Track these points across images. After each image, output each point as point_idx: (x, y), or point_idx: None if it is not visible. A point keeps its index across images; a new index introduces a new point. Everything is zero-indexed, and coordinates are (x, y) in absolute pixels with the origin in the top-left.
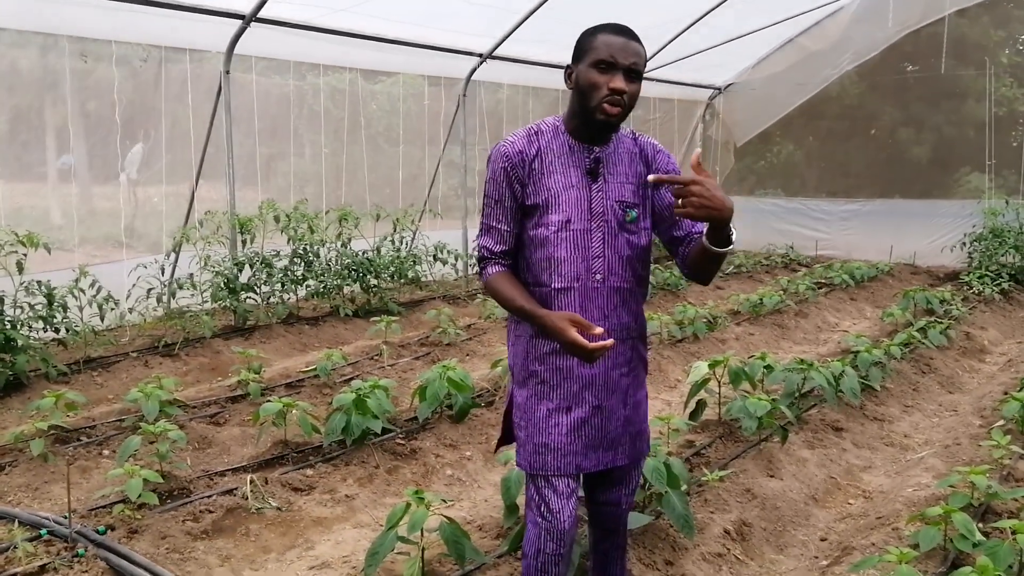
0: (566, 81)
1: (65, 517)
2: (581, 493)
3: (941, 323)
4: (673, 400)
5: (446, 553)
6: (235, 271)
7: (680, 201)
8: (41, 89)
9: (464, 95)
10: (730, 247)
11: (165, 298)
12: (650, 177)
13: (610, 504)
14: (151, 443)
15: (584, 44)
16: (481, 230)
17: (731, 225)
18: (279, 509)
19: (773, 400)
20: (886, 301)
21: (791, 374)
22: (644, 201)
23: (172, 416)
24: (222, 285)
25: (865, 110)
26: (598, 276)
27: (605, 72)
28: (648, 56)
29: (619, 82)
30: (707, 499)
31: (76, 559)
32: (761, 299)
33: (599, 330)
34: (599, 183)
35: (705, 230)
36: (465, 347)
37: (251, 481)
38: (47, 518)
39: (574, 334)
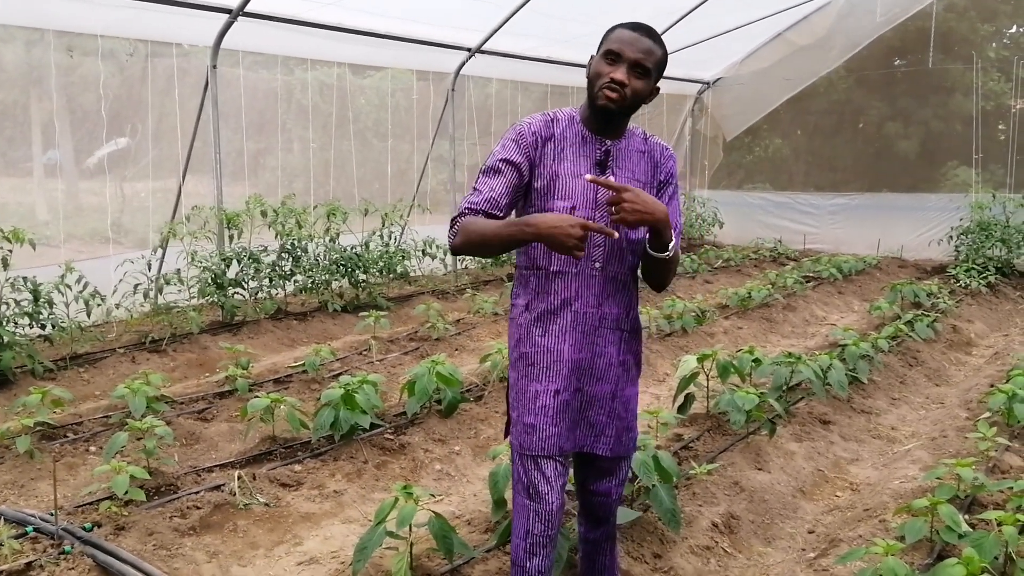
0: (587, 71)
1: (51, 514)
2: (571, 484)
3: (928, 316)
4: (661, 394)
5: (434, 548)
6: (222, 266)
7: (614, 208)
8: (26, 84)
9: (453, 90)
10: (667, 253)
11: (152, 294)
12: (587, 176)
13: (600, 494)
14: (138, 439)
15: (605, 36)
16: (470, 193)
17: (671, 234)
18: (267, 505)
19: (761, 393)
20: (874, 294)
21: (779, 367)
22: None
23: (159, 412)
24: (209, 280)
25: (853, 104)
26: (597, 264)
27: (612, 63)
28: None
29: (620, 73)
30: (695, 492)
31: (62, 556)
32: (749, 293)
33: (595, 224)
34: (607, 175)
35: (648, 236)
36: (454, 342)
37: (239, 477)
38: (33, 515)
39: (571, 219)
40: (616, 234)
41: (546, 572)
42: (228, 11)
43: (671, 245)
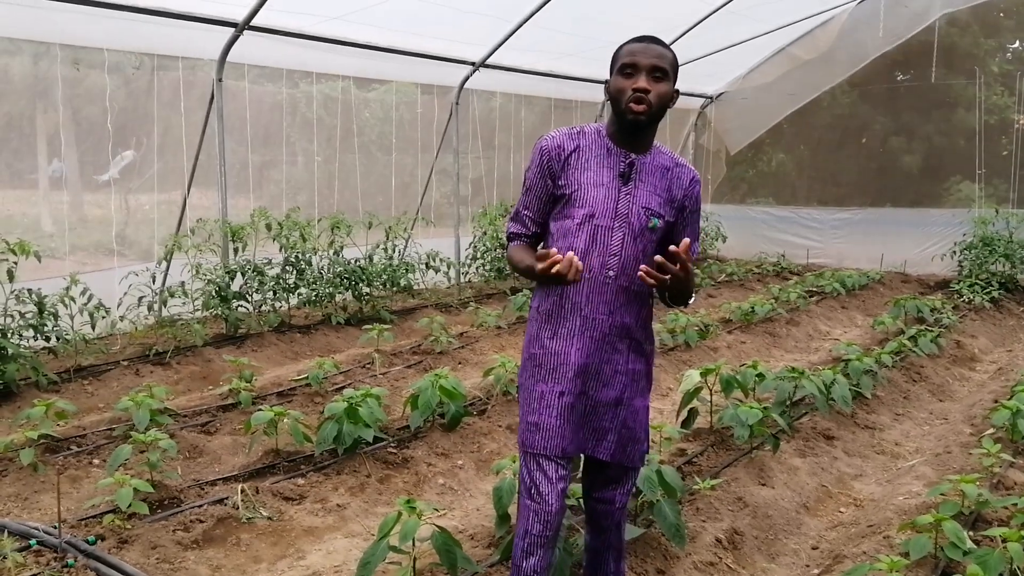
0: (605, 95)
1: (55, 527)
2: (577, 490)
3: (932, 331)
4: (665, 408)
5: (438, 562)
6: (227, 279)
7: (669, 279)
8: (33, 96)
9: (457, 103)
10: (682, 306)
11: (156, 306)
12: (658, 258)
13: (604, 502)
14: (142, 452)
15: (613, 57)
16: (512, 214)
17: (690, 296)
18: (270, 519)
19: (765, 408)
20: (877, 309)
21: (782, 382)
22: (667, 216)
23: (163, 425)
24: (213, 293)
25: (856, 119)
26: (611, 272)
27: (629, 76)
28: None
29: (641, 82)
30: (699, 507)
31: (66, 570)
32: (752, 307)
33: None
34: (629, 187)
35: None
36: (457, 355)
37: (242, 490)
38: (37, 528)
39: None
40: (578, 279)
41: (540, 572)
42: (234, 25)
43: (691, 301)
